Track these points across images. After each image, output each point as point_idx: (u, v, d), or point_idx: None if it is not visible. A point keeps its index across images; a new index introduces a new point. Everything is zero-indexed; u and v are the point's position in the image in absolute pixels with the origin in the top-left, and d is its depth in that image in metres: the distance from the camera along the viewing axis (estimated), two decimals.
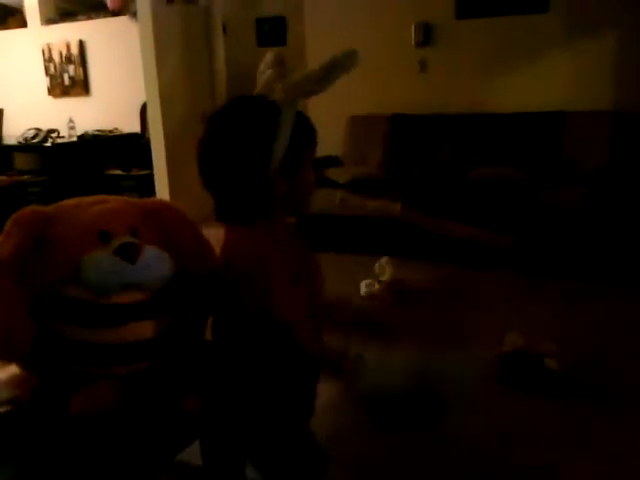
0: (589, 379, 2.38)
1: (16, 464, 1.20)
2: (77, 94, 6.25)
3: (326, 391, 1.53)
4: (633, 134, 3.72)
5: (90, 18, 6.08)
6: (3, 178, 5.70)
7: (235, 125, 1.23)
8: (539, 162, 3.86)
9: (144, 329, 1.37)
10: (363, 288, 3.33)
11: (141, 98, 5.50)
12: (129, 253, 1.32)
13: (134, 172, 5.67)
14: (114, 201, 1.48)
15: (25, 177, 5.79)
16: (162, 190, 5.22)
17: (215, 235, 1.59)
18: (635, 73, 3.88)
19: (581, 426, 2.09)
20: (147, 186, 5.34)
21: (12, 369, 1.46)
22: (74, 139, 5.85)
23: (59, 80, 6.33)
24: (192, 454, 1.57)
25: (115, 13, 5.94)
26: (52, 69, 6.34)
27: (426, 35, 4.52)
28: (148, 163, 5.38)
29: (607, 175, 3.49)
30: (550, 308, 3.04)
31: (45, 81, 6.38)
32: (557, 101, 4.01)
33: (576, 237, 3.41)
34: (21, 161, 6.17)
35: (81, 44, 6.12)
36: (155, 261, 1.36)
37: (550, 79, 4.12)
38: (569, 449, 1.95)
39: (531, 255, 3.52)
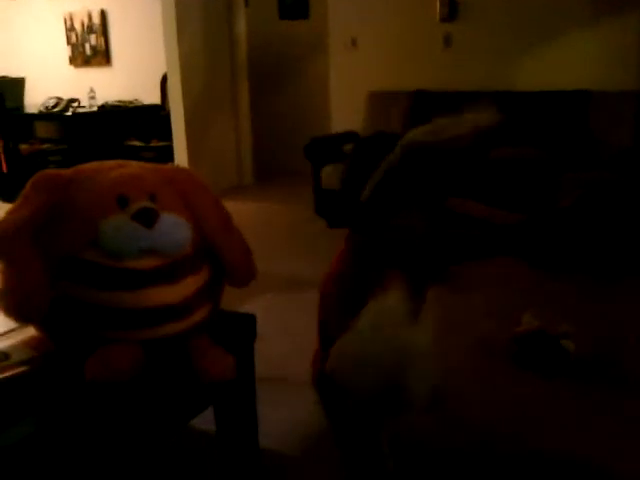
0: (606, 363, 2.35)
1: (36, 420, 1.21)
2: (98, 64, 6.25)
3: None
4: None
5: None
6: (25, 146, 5.74)
7: None
8: (563, 142, 3.79)
9: (161, 295, 1.37)
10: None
11: (162, 69, 5.48)
12: (147, 218, 1.32)
13: (154, 143, 5.68)
14: (133, 166, 1.47)
15: (46, 146, 5.83)
16: (181, 162, 5.22)
17: (233, 207, 1.59)
18: None
19: (597, 410, 2.07)
20: (166, 158, 5.35)
21: (30, 331, 1.48)
22: (94, 109, 5.86)
23: (80, 50, 6.32)
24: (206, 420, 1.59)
25: None
26: (74, 38, 6.33)
27: (451, 10, 4.44)
28: (168, 135, 5.38)
29: (631, 156, 3.42)
30: (568, 291, 3.00)
31: (66, 50, 6.38)
32: (582, 80, 3.93)
33: (598, 221, 3.35)
34: (42, 130, 6.21)
35: (103, 14, 6.10)
36: (173, 227, 1.36)
37: (576, 57, 4.03)
38: (585, 433, 1.94)
39: (550, 238, 3.47)
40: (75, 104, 5.81)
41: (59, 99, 5.86)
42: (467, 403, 1.76)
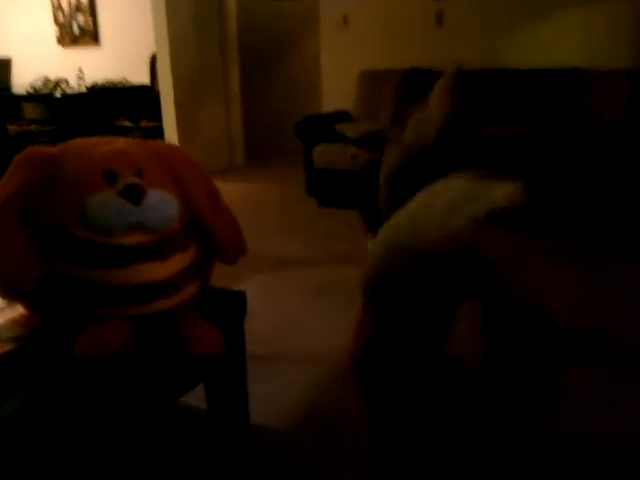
0: (599, 338, 2.37)
1: (26, 395, 1.21)
2: (86, 44, 6.17)
3: None
4: None
5: None
6: (12, 127, 5.68)
7: None
8: (557, 120, 3.78)
9: (150, 271, 1.36)
10: (370, 244, 3.32)
11: (151, 49, 5.42)
12: (134, 194, 1.31)
13: (143, 124, 5.63)
14: (121, 142, 1.46)
15: (34, 126, 5.77)
16: (171, 142, 5.19)
17: (224, 187, 1.58)
18: None
19: (588, 384, 2.09)
20: (156, 138, 5.31)
21: (19, 309, 1.47)
22: (83, 89, 5.80)
23: (68, 29, 6.24)
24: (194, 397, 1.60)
25: None
26: (61, 17, 6.24)
27: None
28: (158, 115, 5.34)
29: (623, 134, 3.41)
30: (562, 267, 3.02)
31: (54, 30, 6.29)
32: (576, 57, 3.91)
33: (591, 198, 3.37)
34: (30, 111, 6.14)
35: None
36: (160, 203, 1.35)
37: (569, 35, 4.01)
38: (577, 407, 1.96)
39: (545, 215, 3.48)
40: (63, 84, 5.74)
41: (47, 79, 5.79)
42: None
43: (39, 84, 5.77)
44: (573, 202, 3.40)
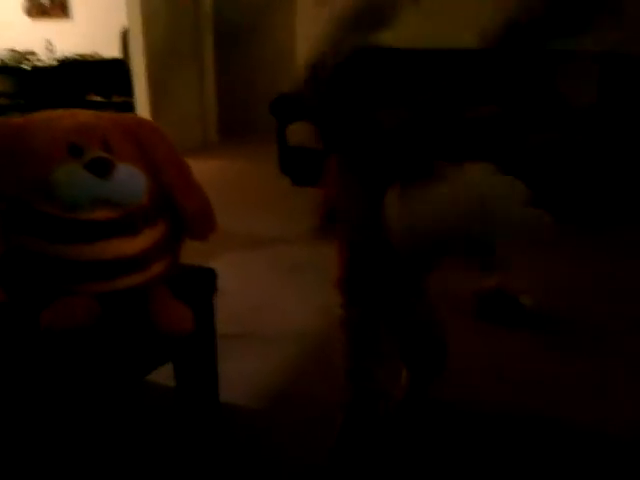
0: (562, 316, 2.42)
1: None
2: (56, 15, 5.99)
3: None
4: (621, 76, 3.67)
5: None
6: None
7: None
8: (529, 101, 3.80)
9: (118, 247, 1.34)
10: None
11: (123, 22, 5.29)
12: (100, 168, 1.28)
13: (115, 99, 5.52)
14: (87, 114, 1.42)
15: (2, 100, 5.62)
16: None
17: (197, 165, 1.56)
18: (626, 13, 3.79)
19: (549, 360, 2.14)
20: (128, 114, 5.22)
21: None
22: (53, 63, 5.65)
23: None
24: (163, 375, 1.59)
25: None
26: None
27: None
28: (129, 90, 5.23)
29: (592, 117, 3.45)
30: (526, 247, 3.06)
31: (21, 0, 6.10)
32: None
33: (562, 179, 3.41)
34: None
35: None
36: (128, 178, 1.32)
37: None
38: (540, 385, 2.00)
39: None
40: (32, 57, 5.59)
41: (14, 51, 5.63)
42: None
43: (6, 56, 5.60)
44: (544, 183, 3.44)
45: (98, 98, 5.59)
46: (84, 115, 1.40)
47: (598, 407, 1.85)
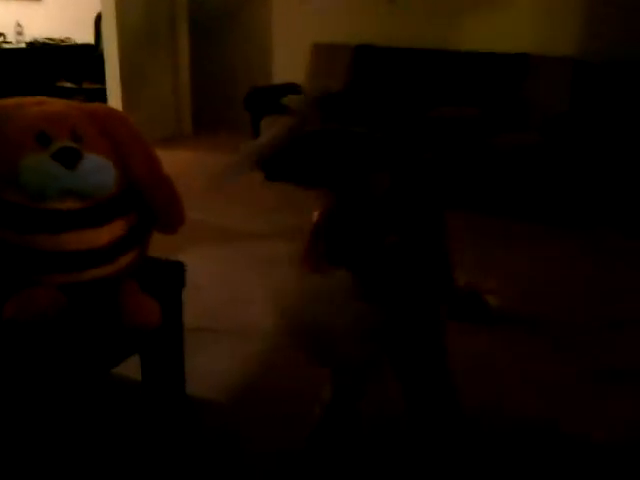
0: (527, 315, 2.46)
1: None
2: None
3: None
4: (593, 83, 3.74)
5: None
6: None
7: None
8: (500, 103, 3.85)
9: (85, 238, 1.33)
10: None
11: (96, 7, 5.19)
12: (68, 158, 1.27)
13: (86, 85, 5.42)
14: (56, 103, 1.40)
15: None
16: (115, 106, 5.01)
17: (170, 157, 1.54)
18: (599, 21, 3.86)
19: (515, 357, 2.18)
20: (99, 101, 5.13)
21: None
22: (22, 45, 5.52)
23: None
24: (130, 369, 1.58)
25: None
26: None
27: None
28: (101, 77, 5.14)
29: (563, 122, 3.51)
30: (497, 247, 3.11)
31: None
32: (524, 42, 3.97)
33: (527, 181, 3.48)
34: None
35: None
36: (96, 168, 1.31)
37: (517, 19, 4.06)
38: (506, 380, 2.04)
39: (483, 196, 3.59)
40: (0, 39, 5.45)
41: None
42: None
43: None
44: (510, 183, 3.51)
45: (68, 84, 5.48)
46: (54, 104, 1.38)
47: (583, 409, 1.88)
